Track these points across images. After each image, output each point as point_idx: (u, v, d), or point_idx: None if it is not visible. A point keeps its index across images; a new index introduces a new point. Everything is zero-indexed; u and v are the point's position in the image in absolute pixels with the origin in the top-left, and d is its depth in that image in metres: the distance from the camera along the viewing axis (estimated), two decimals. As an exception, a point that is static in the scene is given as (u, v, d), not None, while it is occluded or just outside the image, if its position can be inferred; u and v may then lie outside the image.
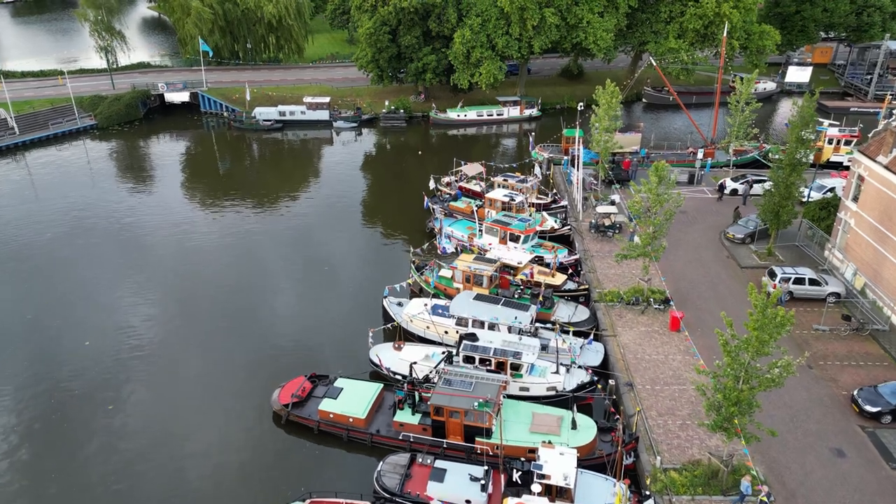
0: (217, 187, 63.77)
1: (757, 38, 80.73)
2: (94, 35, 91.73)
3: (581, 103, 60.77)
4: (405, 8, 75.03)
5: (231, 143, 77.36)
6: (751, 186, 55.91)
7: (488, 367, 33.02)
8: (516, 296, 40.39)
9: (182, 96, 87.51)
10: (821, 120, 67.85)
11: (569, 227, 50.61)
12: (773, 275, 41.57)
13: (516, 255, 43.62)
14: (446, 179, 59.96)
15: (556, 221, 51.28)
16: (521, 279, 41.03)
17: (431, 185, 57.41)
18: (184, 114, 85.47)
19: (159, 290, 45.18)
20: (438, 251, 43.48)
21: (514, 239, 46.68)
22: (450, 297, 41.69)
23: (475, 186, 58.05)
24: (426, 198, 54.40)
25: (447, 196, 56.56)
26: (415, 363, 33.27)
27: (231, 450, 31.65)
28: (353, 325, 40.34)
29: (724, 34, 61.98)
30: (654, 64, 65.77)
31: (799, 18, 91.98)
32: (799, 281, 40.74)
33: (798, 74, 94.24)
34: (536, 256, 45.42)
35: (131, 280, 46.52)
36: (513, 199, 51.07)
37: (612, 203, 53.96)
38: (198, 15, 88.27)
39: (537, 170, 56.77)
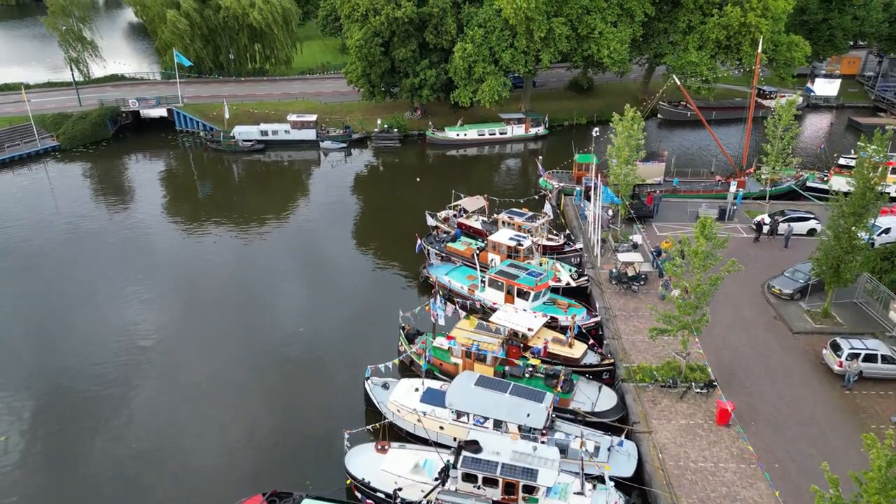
0: (185, 219, 56.44)
1: (785, 50, 73.71)
2: (64, 46, 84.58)
3: (596, 129, 53.78)
4: (399, 18, 67.81)
5: (208, 165, 70.16)
6: (777, 224, 48.57)
7: (496, 500, 25.77)
8: (527, 375, 33.28)
9: (159, 111, 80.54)
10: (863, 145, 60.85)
11: (586, 277, 43.37)
12: (836, 348, 34.40)
13: (526, 319, 36.44)
14: (443, 214, 52.85)
15: (570, 271, 44.05)
16: (535, 361, 33.64)
17: (427, 221, 50.17)
18: (157, 133, 78.13)
19: (106, 350, 37.88)
20: (433, 318, 36.15)
21: (523, 295, 39.56)
22: (446, 375, 34.66)
23: (476, 223, 51.01)
24: (419, 240, 47.18)
25: (444, 236, 49.38)
26: (400, 489, 26.06)
27: None
28: (327, 415, 33.08)
29: (759, 50, 54.58)
30: (678, 83, 58.49)
31: (826, 27, 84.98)
32: (870, 357, 33.57)
33: (826, 87, 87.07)
34: (550, 317, 38.29)
35: (73, 336, 39.35)
36: (520, 244, 43.86)
37: (634, 246, 46.78)
38: (173, 25, 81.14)
39: (548, 207, 49.47)
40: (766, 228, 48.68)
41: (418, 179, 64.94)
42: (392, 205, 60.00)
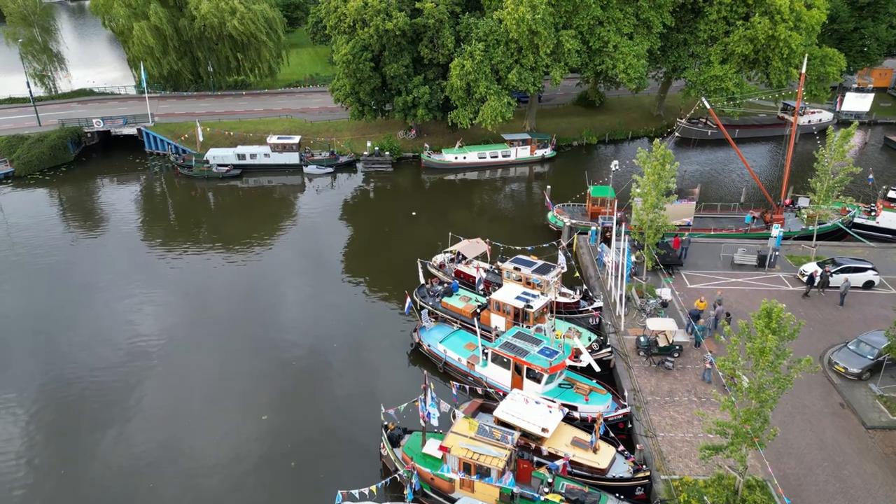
0: (142, 260, 49.21)
1: (818, 64, 66.64)
2: (25, 58, 77.66)
3: (615, 163, 46.74)
4: (390, 31, 60.62)
5: (178, 192, 62.79)
6: (828, 276, 41.20)
7: None
8: (542, 498, 26.17)
9: (129, 129, 73.51)
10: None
11: (609, 348, 36.19)
12: (930, 458, 27.34)
13: (540, 416, 29.33)
14: (438, 259, 45.81)
15: (590, 339, 36.86)
16: (556, 498, 26.26)
17: (420, 274, 43.00)
18: (125, 155, 70.83)
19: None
20: (423, 422, 28.93)
21: (533, 377, 32.45)
22: (439, 494, 27.59)
23: (476, 271, 43.84)
24: (408, 298, 39.95)
25: (438, 289, 42.14)
26: None
27: None
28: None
29: (803, 69, 47.36)
30: (709, 106, 51.27)
31: (858, 37, 77.97)
32: (978, 475, 26.49)
33: (857, 102, 79.76)
34: (567, 407, 31.22)
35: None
36: (529, 306, 36.74)
37: (664, 304, 39.59)
38: (139, 40, 74.15)
39: (562, 259, 42.17)
40: (816, 280, 41.41)
41: (414, 214, 57.50)
42: (382, 241, 52.76)
